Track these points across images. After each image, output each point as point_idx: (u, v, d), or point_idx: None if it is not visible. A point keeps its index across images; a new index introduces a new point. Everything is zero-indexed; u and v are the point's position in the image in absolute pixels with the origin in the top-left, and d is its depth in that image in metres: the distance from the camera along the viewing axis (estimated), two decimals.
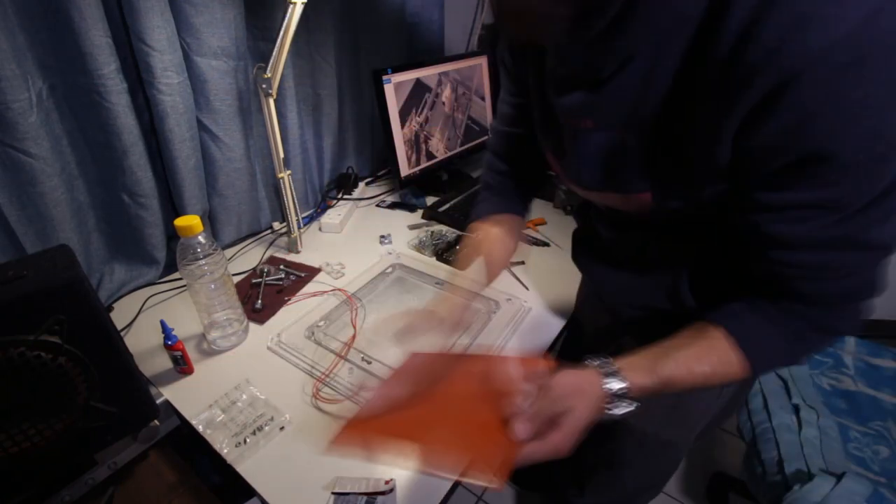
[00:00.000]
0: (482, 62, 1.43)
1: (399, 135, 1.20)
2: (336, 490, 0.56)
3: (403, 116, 1.20)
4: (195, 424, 0.65)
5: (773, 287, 0.45)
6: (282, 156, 0.96)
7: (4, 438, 0.47)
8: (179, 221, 0.67)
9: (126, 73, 0.76)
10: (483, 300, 0.89)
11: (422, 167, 1.29)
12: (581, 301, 0.86)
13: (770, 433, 0.95)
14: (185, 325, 0.81)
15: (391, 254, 1.04)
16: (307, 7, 0.80)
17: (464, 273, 0.65)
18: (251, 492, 0.58)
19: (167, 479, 0.64)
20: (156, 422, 0.62)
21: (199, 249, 0.69)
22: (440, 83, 1.29)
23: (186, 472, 0.65)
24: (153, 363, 0.75)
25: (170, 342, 0.69)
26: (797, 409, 0.97)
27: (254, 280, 0.94)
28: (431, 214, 1.20)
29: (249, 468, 0.60)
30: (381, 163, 1.49)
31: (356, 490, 0.56)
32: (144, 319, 0.85)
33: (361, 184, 1.35)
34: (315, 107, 1.17)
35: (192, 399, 0.69)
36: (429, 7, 1.42)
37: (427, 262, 1.01)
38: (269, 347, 0.78)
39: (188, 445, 0.67)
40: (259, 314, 0.86)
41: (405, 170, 1.24)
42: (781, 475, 0.87)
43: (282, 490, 0.58)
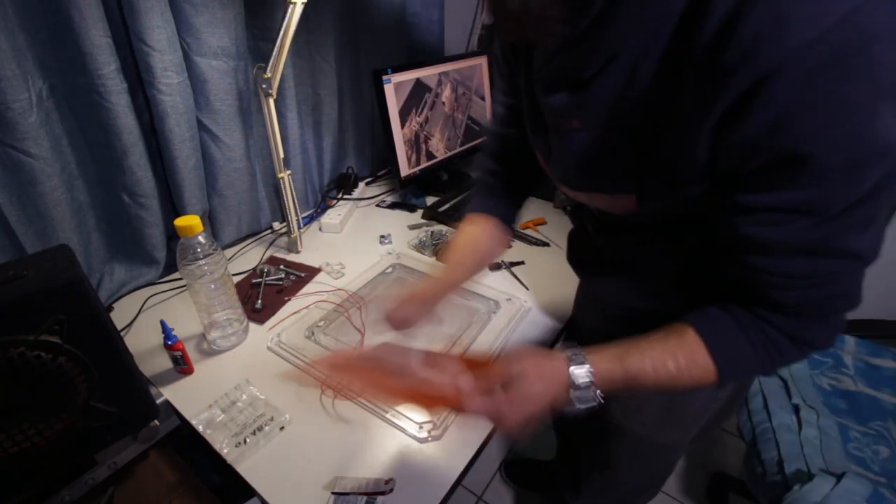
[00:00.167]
0: (482, 62, 1.43)
1: (399, 135, 1.20)
2: (336, 490, 0.56)
3: (403, 116, 1.20)
4: (195, 424, 0.65)
5: (749, 293, 0.44)
6: (282, 156, 0.96)
7: (4, 438, 0.47)
8: (179, 221, 0.67)
9: (126, 73, 0.77)
10: (483, 300, 0.89)
11: (422, 167, 1.29)
12: (578, 301, 0.86)
13: (770, 433, 0.95)
14: (185, 325, 0.81)
15: (391, 254, 1.04)
16: (307, 7, 0.80)
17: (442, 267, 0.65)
18: (251, 492, 0.58)
19: (167, 479, 0.64)
20: (156, 422, 0.62)
21: (199, 249, 0.69)
22: (440, 83, 1.29)
23: (186, 472, 0.65)
24: (153, 363, 0.75)
25: (170, 342, 0.69)
26: (797, 409, 0.97)
27: (254, 280, 0.94)
28: (431, 214, 1.20)
29: (249, 468, 0.60)
30: (381, 163, 1.49)
31: (356, 490, 0.56)
32: (144, 319, 0.85)
33: (361, 184, 1.35)
34: (315, 107, 1.17)
35: (192, 399, 0.69)
36: (429, 7, 1.42)
37: (427, 262, 1.01)
38: (269, 347, 0.78)
39: (188, 445, 0.67)
40: (259, 314, 0.86)
41: (405, 170, 1.24)
42: (781, 475, 0.87)
43: (282, 490, 0.58)
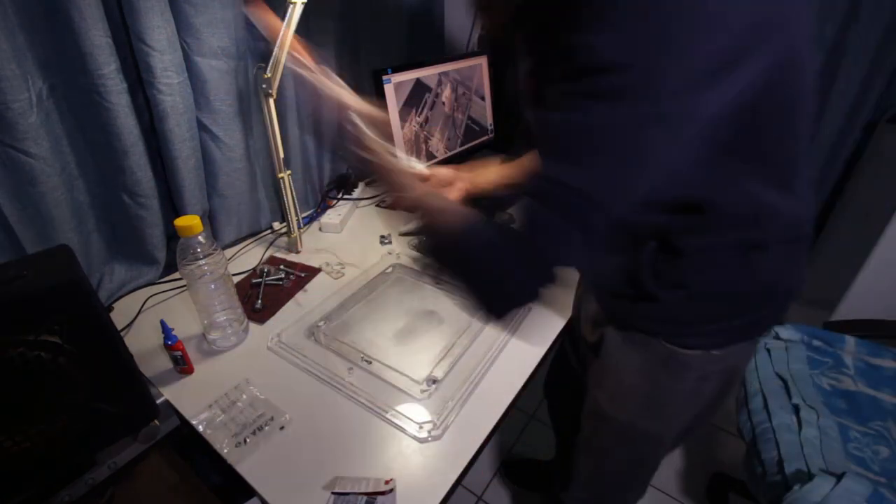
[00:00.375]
0: (482, 62, 1.43)
1: (399, 135, 1.20)
2: (336, 490, 0.56)
3: (403, 116, 1.20)
4: (195, 424, 0.65)
5: None
6: (282, 156, 0.96)
7: (4, 438, 0.47)
8: (179, 221, 0.67)
9: (126, 73, 0.77)
10: None
11: None
12: (577, 292, 0.88)
13: (770, 433, 0.95)
14: (185, 325, 0.81)
15: (391, 254, 1.04)
16: (307, 7, 0.80)
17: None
18: (251, 492, 0.58)
19: (167, 479, 0.64)
20: (156, 422, 0.62)
21: (199, 249, 0.69)
22: (440, 83, 1.29)
23: (186, 472, 0.65)
24: (153, 363, 0.75)
25: (170, 342, 0.69)
26: (797, 409, 0.97)
27: (254, 280, 0.94)
28: None
29: (249, 468, 0.60)
30: None
31: (356, 490, 0.56)
32: (144, 319, 0.85)
33: (361, 184, 1.35)
34: (315, 106, 1.17)
35: (192, 399, 0.69)
36: (429, 7, 1.42)
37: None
38: (269, 347, 0.78)
39: (188, 445, 0.67)
40: (259, 314, 0.86)
41: None
42: (781, 475, 0.87)
43: (282, 490, 0.58)
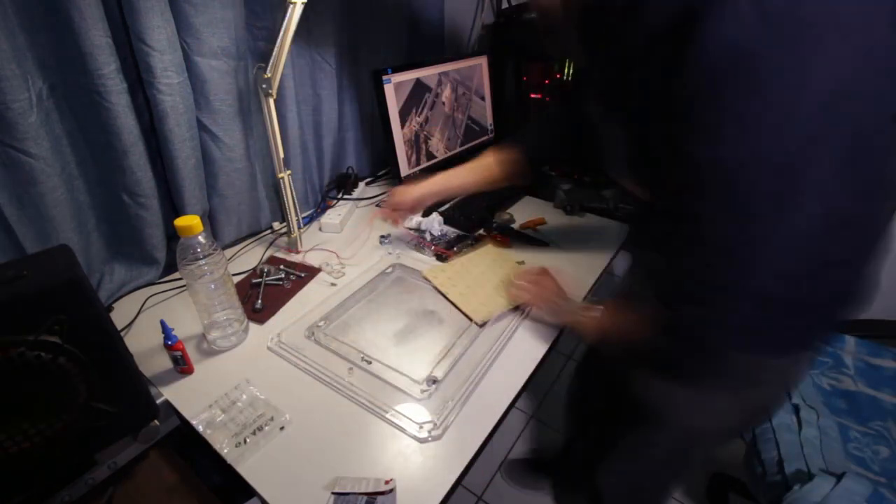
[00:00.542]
0: (482, 62, 1.43)
1: (399, 135, 1.20)
2: (336, 490, 0.56)
3: (403, 116, 1.20)
4: (195, 424, 0.65)
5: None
6: (282, 156, 0.96)
7: (4, 438, 0.47)
8: (179, 221, 0.67)
9: (126, 73, 0.76)
10: None
11: (422, 167, 1.29)
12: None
13: (770, 433, 0.95)
14: (185, 325, 0.81)
15: (391, 254, 1.04)
16: (307, 7, 0.80)
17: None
18: (251, 492, 0.58)
19: (167, 479, 0.64)
20: (156, 422, 0.62)
21: (199, 249, 0.69)
22: (440, 83, 1.29)
23: (186, 472, 0.65)
24: (153, 363, 0.75)
25: (170, 342, 0.69)
26: (797, 409, 0.97)
27: (254, 280, 0.94)
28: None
29: (249, 468, 0.60)
30: (381, 163, 1.49)
31: (356, 490, 0.56)
32: (144, 319, 0.85)
33: (361, 184, 1.35)
34: (315, 107, 1.17)
35: (192, 399, 0.69)
36: (429, 7, 1.42)
37: (427, 262, 1.01)
38: (269, 347, 0.78)
39: (188, 445, 0.67)
40: (259, 314, 0.86)
41: (405, 170, 1.24)
42: (781, 475, 0.87)
43: (282, 490, 0.58)
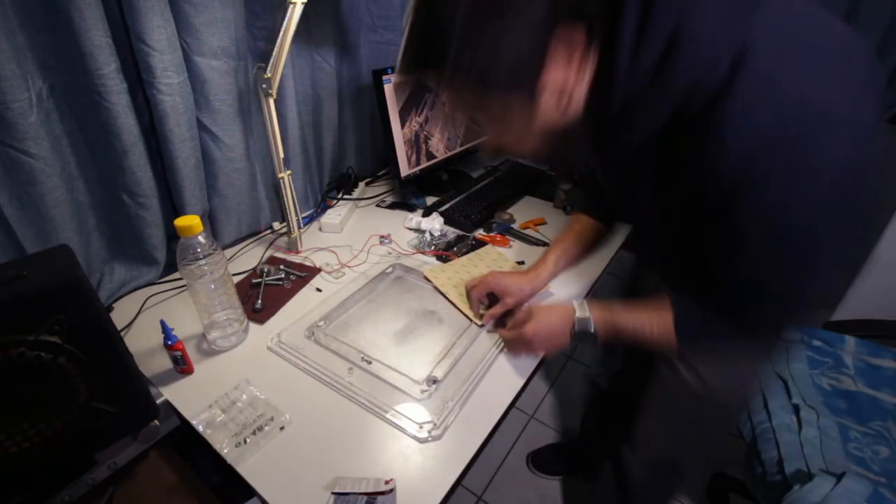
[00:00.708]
0: None
1: (399, 135, 1.20)
2: (336, 490, 0.56)
3: (403, 116, 1.20)
4: (195, 424, 0.65)
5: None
6: (282, 156, 0.96)
7: (4, 438, 0.47)
8: (179, 221, 0.67)
9: (126, 73, 0.76)
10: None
11: (422, 167, 1.29)
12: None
13: (770, 433, 0.95)
14: (185, 325, 0.81)
15: (391, 254, 1.04)
16: (307, 7, 0.80)
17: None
18: (251, 492, 0.58)
19: (167, 479, 0.64)
20: (156, 422, 0.62)
21: (199, 249, 0.69)
22: None
23: (186, 472, 0.65)
24: (153, 363, 0.75)
25: (170, 342, 0.69)
26: (797, 409, 0.97)
27: (254, 280, 0.94)
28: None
29: (249, 468, 0.60)
30: (381, 163, 1.49)
31: (356, 490, 0.56)
32: (144, 319, 0.85)
33: (361, 184, 1.35)
34: (315, 107, 1.17)
35: (192, 399, 0.69)
36: None
37: (427, 262, 1.01)
38: (269, 347, 0.78)
39: (188, 445, 0.67)
40: (259, 314, 0.86)
41: (405, 170, 1.24)
42: (781, 475, 0.87)
43: (282, 490, 0.58)
